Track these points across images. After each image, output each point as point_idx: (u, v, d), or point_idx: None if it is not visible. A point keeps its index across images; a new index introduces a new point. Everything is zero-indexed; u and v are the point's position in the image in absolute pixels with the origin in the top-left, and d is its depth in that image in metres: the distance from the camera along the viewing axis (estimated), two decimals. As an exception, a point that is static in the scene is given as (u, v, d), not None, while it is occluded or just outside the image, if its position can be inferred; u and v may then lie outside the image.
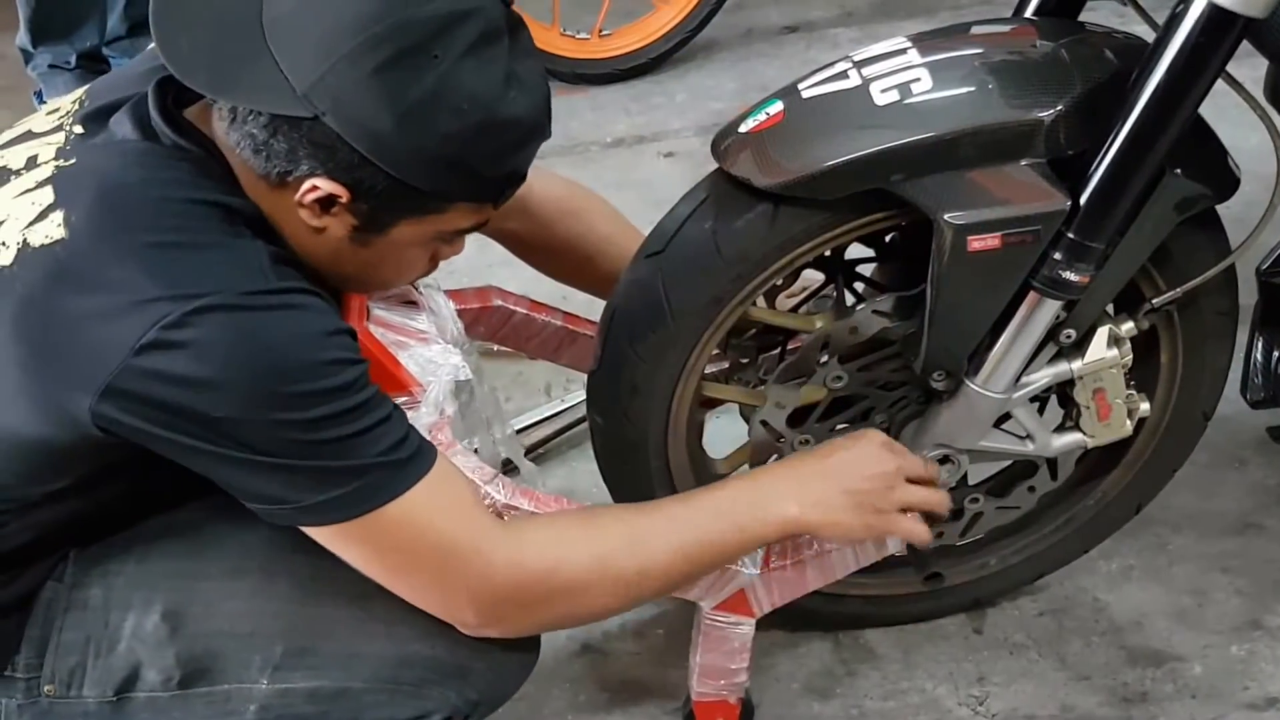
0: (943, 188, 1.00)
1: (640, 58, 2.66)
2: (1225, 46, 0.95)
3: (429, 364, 1.10)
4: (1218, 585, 1.47)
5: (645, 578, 1.01)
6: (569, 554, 0.99)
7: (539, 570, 0.97)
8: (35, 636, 1.00)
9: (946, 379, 1.12)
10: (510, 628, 1.00)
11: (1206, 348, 1.21)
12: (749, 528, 1.06)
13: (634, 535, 1.02)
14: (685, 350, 1.13)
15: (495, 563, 0.95)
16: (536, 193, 1.34)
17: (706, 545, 1.04)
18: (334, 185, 0.90)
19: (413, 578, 0.95)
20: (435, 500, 0.93)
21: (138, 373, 0.84)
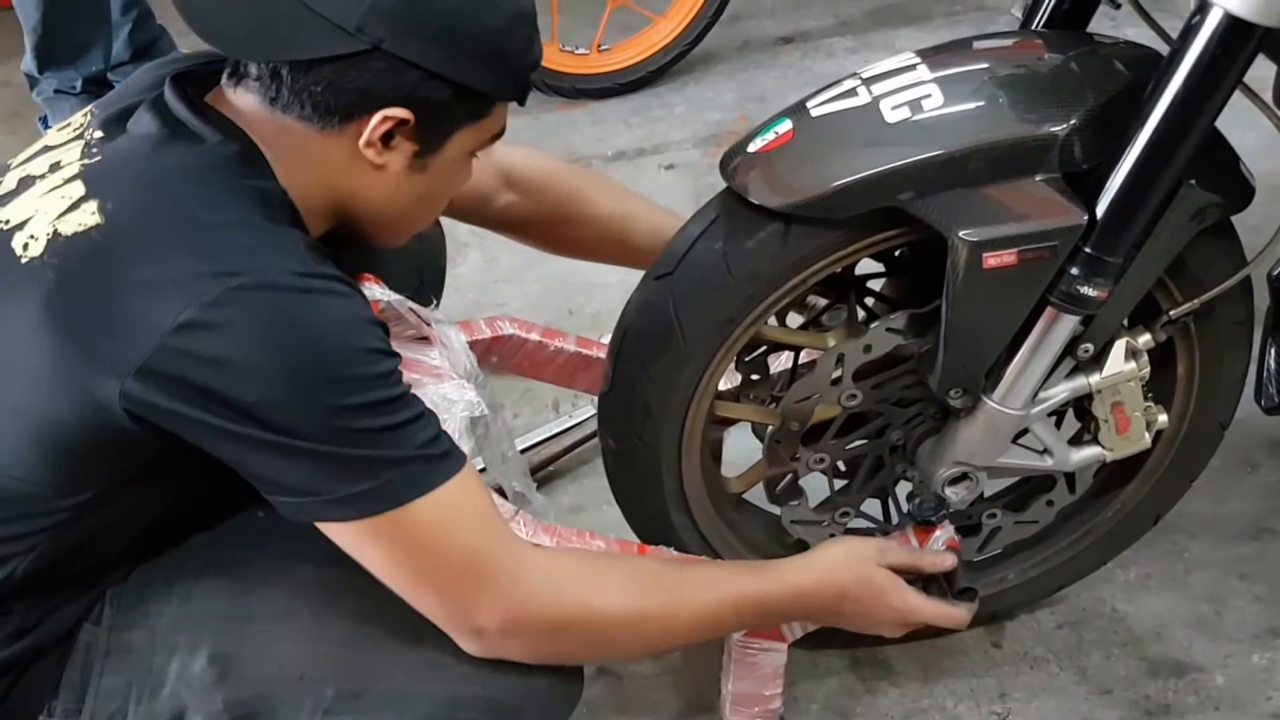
0: (956, 205, 0.99)
1: (639, 71, 2.67)
2: (1243, 57, 0.94)
3: (443, 401, 1.10)
4: (1235, 592, 1.46)
5: (668, 639, 1.04)
6: (605, 596, 0.98)
7: (572, 602, 0.96)
8: (74, 680, 0.98)
9: (964, 396, 1.11)
10: (519, 652, 0.98)
11: (1223, 358, 1.20)
12: (774, 624, 1.15)
13: (670, 602, 1.01)
14: (697, 371, 1.11)
15: (523, 580, 0.94)
16: (520, 162, 1.35)
17: (730, 627, 1.10)
18: (401, 111, 0.90)
19: (431, 582, 0.92)
20: (469, 501, 0.91)
21: (174, 353, 0.83)
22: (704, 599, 1.04)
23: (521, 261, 2.07)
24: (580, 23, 2.69)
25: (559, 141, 2.55)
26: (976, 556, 1.32)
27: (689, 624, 1.03)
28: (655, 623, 1.00)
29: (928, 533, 1.19)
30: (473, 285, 2.11)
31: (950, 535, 1.19)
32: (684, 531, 1.24)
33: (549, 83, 2.61)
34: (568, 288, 2.07)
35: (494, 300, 2.08)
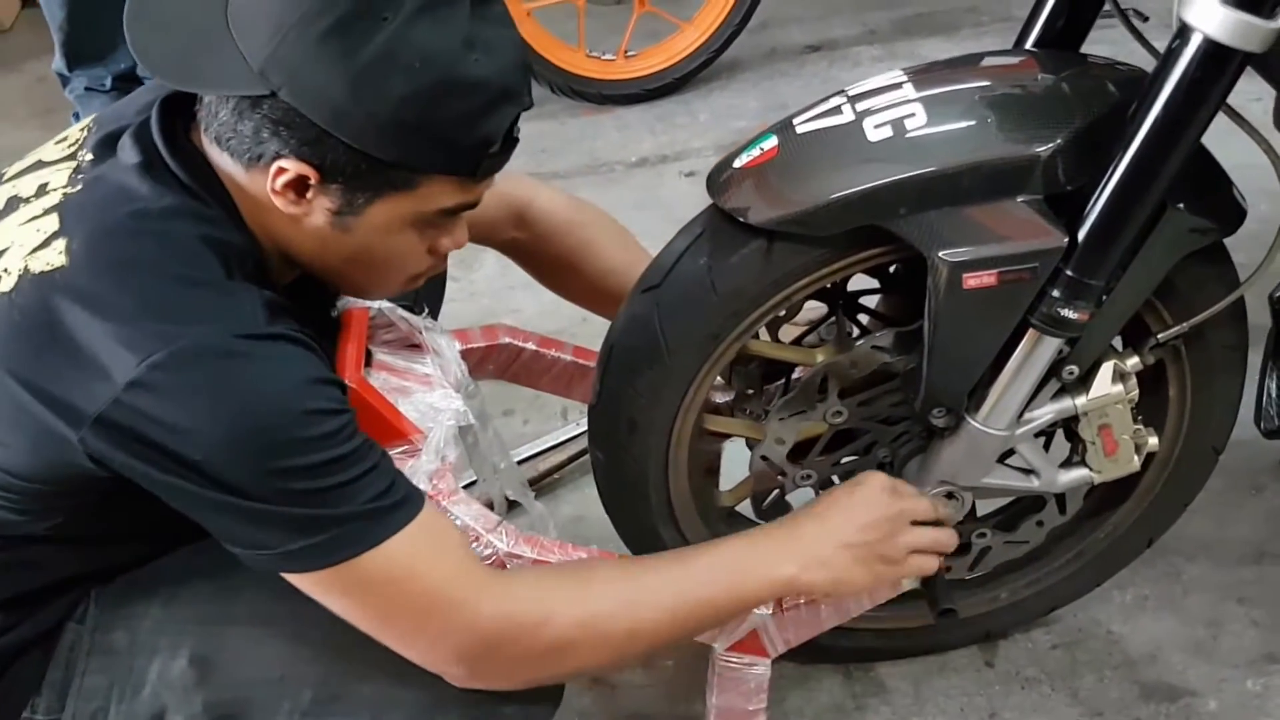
0: (936, 224, 0.99)
1: (665, 78, 2.68)
2: (1224, 81, 0.94)
3: (430, 410, 1.11)
4: (1233, 616, 1.45)
5: (634, 638, 1.00)
6: (557, 609, 0.97)
7: (525, 624, 0.95)
8: (57, 679, 1.00)
9: (947, 415, 1.11)
10: (496, 680, 0.99)
11: (1215, 382, 1.19)
12: (744, 590, 1.04)
13: (626, 595, 1.00)
14: (682, 386, 1.13)
15: (481, 613, 0.94)
16: (539, 204, 1.36)
17: (700, 608, 1.02)
18: (300, 165, 0.88)
19: (396, 627, 0.93)
20: (419, 549, 0.91)
21: (127, 409, 0.84)
22: (667, 573, 1.02)
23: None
24: (607, 29, 2.71)
25: (583, 147, 2.57)
26: (967, 575, 1.32)
27: (659, 614, 1.00)
28: (618, 621, 0.98)
29: (910, 550, 1.19)
30: (488, 291, 2.14)
31: (933, 554, 1.19)
32: (672, 545, 1.25)
33: (575, 88, 2.64)
34: (581, 295, 2.09)
35: (508, 307, 2.10)
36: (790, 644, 1.22)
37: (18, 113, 2.84)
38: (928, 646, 1.41)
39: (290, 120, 0.87)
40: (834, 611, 1.21)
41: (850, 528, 1.06)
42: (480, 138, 0.92)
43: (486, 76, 0.89)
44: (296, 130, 0.87)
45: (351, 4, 0.85)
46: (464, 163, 0.93)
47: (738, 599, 1.04)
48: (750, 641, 1.20)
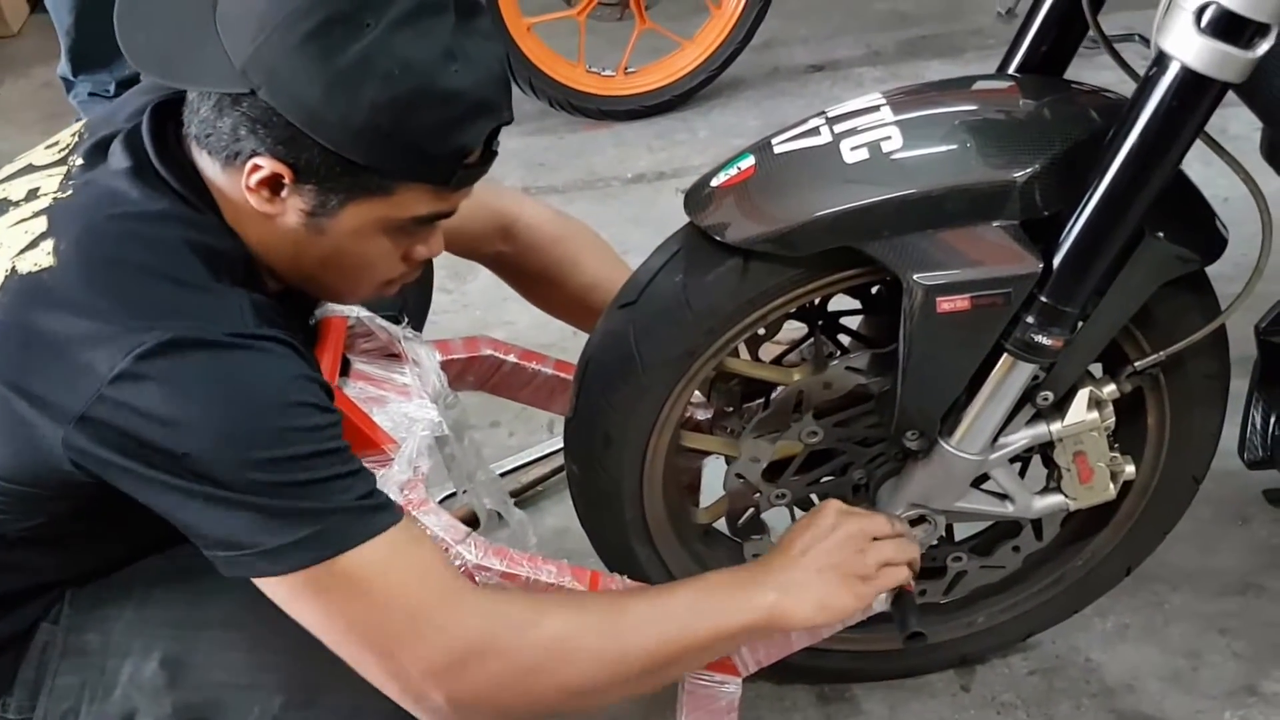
0: (911, 247, 0.99)
1: (664, 95, 2.69)
2: (1201, 110, 0.93)
3: (405, 419, 1.12)
4: (1214, 647, 1.44)
5: (616, 671, 0.97)
6: (540, 632, 0.95)
7: (505, 639, 0.93)
8: (29, 679, 1.01)
9: (920, 438, 1.11)
10: (468, 705, 0.94)
11: (1195, 411, 1.19)
12: (727, 624, 1.02)
13: (611, 626, 0.98)
14: (657, 402, 1.13)
15: (461, 623, 0.92)
16: (525, 219, 1.37)
17: (683, 643, 1.00)
18: (275, 164, 0.89)
19: (373, 636, 0.91)
20: (400, 555, 0.91)
21: (112, 403, 0.85)
22: (648, 610, 1.00)
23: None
24: (608, 45, 2.72)
25: (580, 162, 2.58)
26: (942, 599, 1.31)
27: (641, 644, 0.98)
28: (603, 652, 0.97)
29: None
30: (481, 303, 2.14)
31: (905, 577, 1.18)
32: (647, 562, 1.25)
33: (574, 103, 2.65)
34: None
35: (501, 319, 2.11)
36: (762, 664, 1.22)
37: (24, 117, 2.87)
38: (903, 670, 1.40)
39: (267, 119, 0.88)
40: (805, 632, 1.21)
41: (818, 553, 1.06)
42: (455, 148, 0.92)
43: (463, 88, 0.90)
44: (273, 129, 0.88)
45: (336, 8, 0.86)
46: (438, 172, 0.93)
47: (720, 633, 1.02)
48: (720, 660, 1.20)
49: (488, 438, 1.83)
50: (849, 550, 1.06)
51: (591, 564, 1.39)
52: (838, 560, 1.05)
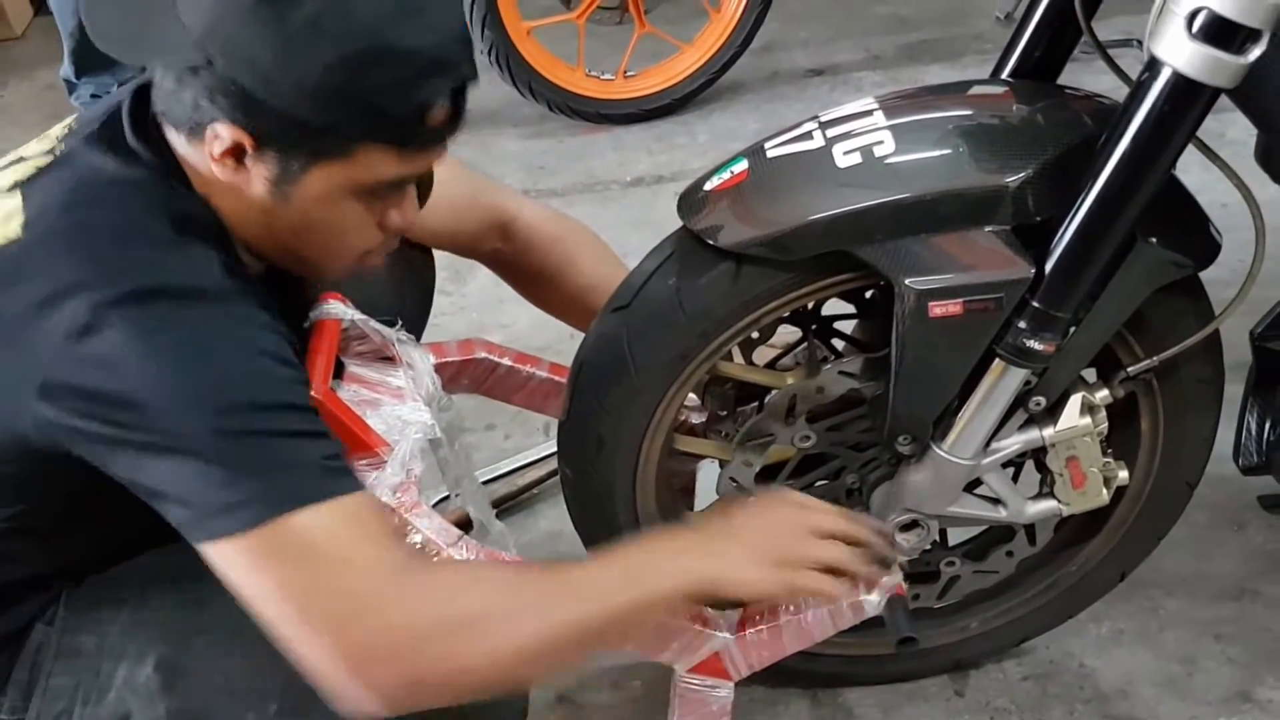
0: (902, 252, 0.99)
1: (664, 99, 2.70)
2: (1193, 116, 0.93)
3: (398, 422, 1.11)
4: (1209, 653, 1.44)
5: (560, 647, 0.94)
6: (474, 597, 0.91)
7: (447, 611, 0.90)
8: (23, 680, 1.00)
9: (912, 443, 1.11)
10: (402, 674, 0.88)
11: (1189, 417, 1.18)
12: (652, 588, 0.98)
13: (552, 597, 0.94)
14: (650, 405, 1.13)
15: (404, 593, 0.89)
16: (524, 218, 1.36)
17: (609, 610, 0.96)
18: (235, 132, 0.89)
19: (314, 611, 0.86)
20: (355, 525, 0.88)
21: (69, 360, 0.84)
22: (574, 577, 0.97)
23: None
24: (608, 48, 2.72)
25: (580, 165, 2.58)
26: (936, 604, 1.31)
27: (565, 612, 0.93)
28: (518, 619, 0.92)
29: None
30: (479, 305, 2.14)
31: (897, 582, 1.18)
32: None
33: (573, 107, 2.65)
34: (574, 311, 2.10)
35: (498, 321, 2.11)
36: (753, 668, 1.21)
37: (28, 119, 2.87)
38: (896, 674, 1.40)
39: (225, 88, 0.88)
40: (796, 637, 1.20)
41: (756, 531, 1.04)
42: (413, 107, 0.91)
43: (419, 45, 0.89)
44: (231, 98, 0.88)
45: None
46: (397, 132, 0.92)
47: (645, 598, 0.98)
48: (712, 664, 1.20)
49: (483, 440, 1.83)
50: (786, 538, 1.04)
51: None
52: (770, 543, 1.03)
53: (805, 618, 1.19)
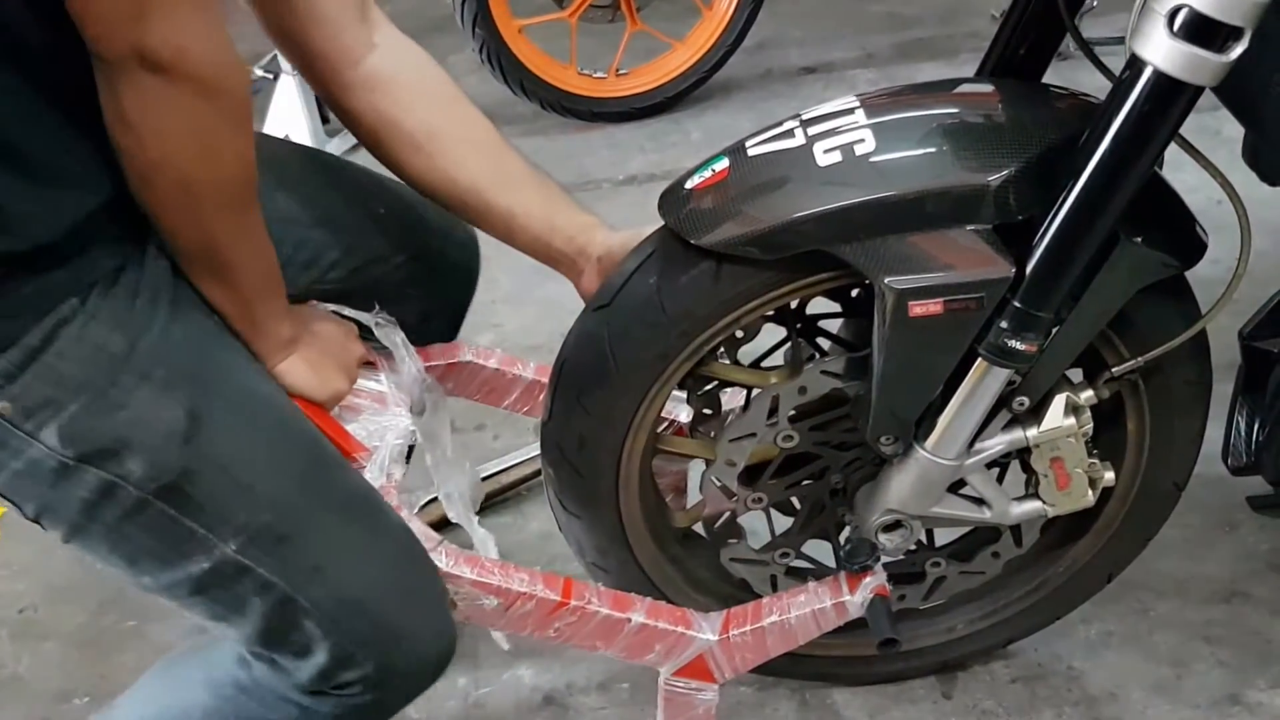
0: (882, 250, 0.98)
1: (656, 97, 2.69)
2: (1174, 114, 0.92)
3: (378, 428, 1.11)
4: (1199, 656, 1.43)
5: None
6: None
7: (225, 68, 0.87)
8: (31, 346, 0.89)
9: (895, 443, 1.10)
10: (173, 91, 0.85)
11: (1176, 418, 1.17)
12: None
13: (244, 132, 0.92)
14: (632, 405, 1.12)
15: (212, 31, 0.85)
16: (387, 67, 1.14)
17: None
18: None
19: None
20: None
21: None
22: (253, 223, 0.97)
23: (522, 284, 2.09)
24: (600, 46, 2.71)
25: (573, 164, 2.58)
26: (922, 605, 1.30)
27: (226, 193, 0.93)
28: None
29: (858, 579, 1.18)
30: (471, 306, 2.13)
31: (880, 583, 1.18)
32: (624, 565, 1.25)
33: (566, 105, 2.65)
34: (565, 311, 2.06)
35: (490, 321, 2.10)
36: (738, 670, 1.21)
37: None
38: (883, 676, 1.39)
39: None
40: (780, 639, 1.20)
41: None
42: None
43: None
44: None
45: None
46: None
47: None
48: (696, 666, 1.19)
49: (473, 441, 1.82)
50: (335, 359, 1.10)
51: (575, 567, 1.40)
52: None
53: (789, 620, 1.20)
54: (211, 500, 0.94)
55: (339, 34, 1.08)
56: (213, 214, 0.94)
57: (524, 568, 1.14)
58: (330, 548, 0.98)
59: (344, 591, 0.99)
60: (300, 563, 0.97)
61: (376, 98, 1.11)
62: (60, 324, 0.90)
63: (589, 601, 1.15)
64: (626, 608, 1.17)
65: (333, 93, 1.12)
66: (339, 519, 1.00)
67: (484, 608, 1.12)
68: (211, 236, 0.95)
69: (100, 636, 1.56)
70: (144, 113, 0.86)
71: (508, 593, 1.12)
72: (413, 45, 1.16)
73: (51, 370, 0.89)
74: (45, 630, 1.57)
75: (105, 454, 0.90)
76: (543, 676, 1.45)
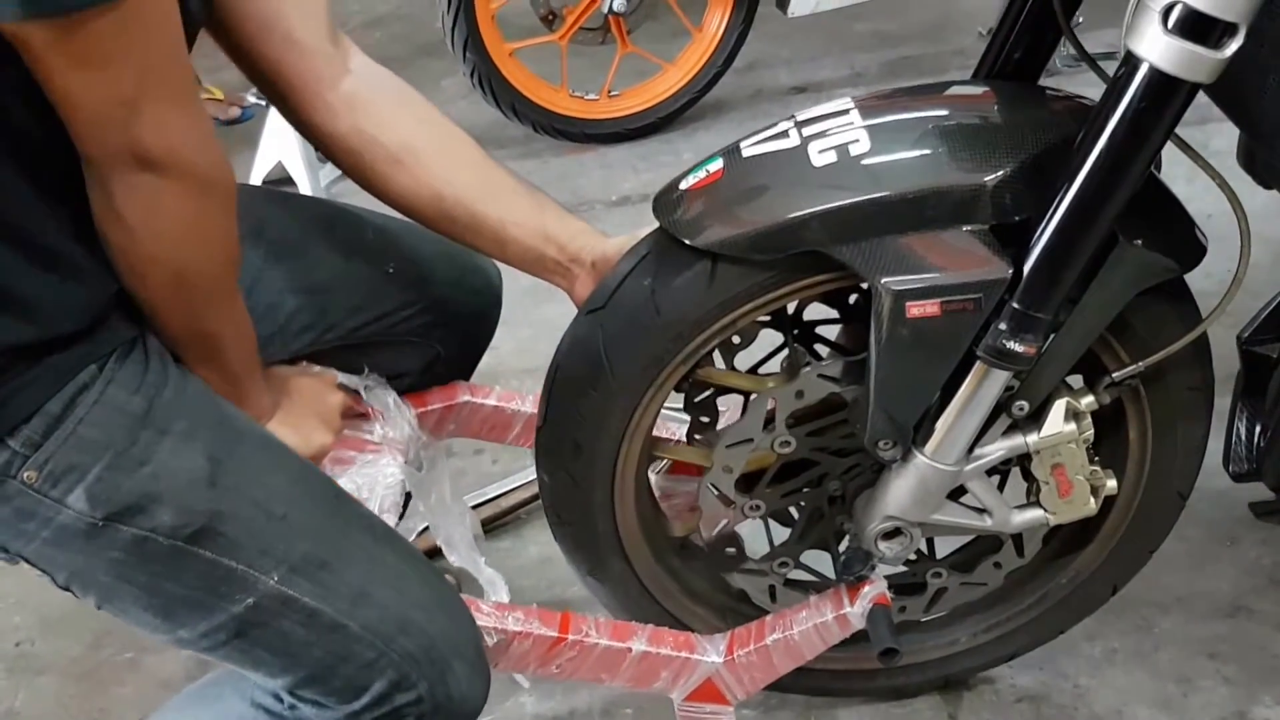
0: (879, 252, 0.97)
1: (648, 118, 2.69)
2: (1171, 112, 0.91)
3: (367, 480, 1.12)
4: (1204, 672, 1.40)
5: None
6: None
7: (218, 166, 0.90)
8: (53, 412, 0.90)
9: (893, 448, 1.08)
10: (166, 187, 0.87)
11: (1177, 424, 1.16)
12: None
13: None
14: (628, 409, 1.10)
15: (206, 125, 0.88)
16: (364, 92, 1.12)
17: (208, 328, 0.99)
18: None
19: (133, 80, 0.82)
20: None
21: None
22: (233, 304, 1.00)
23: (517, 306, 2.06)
24: (591, 68, 2.72)
25: (565, 185, 2.57)
26: (923, 616, 1.28)
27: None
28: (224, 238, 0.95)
29: (857, 589, 1.16)
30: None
31: (880, 592, 1.16)
32: (620, 575, 1.22)
33: (558, 127, 2.65)
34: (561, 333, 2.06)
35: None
36: (749, 690, 1.20)
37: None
38: (885, 689, 1.36)
39: None
40: (787, 656, 1.19)
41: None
42: None
43: None
44: None
45: None
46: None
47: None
48: (707, 690, 1.18)
49: (471, 465, 1.80)
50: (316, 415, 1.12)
51: (575, 589, 1.38)
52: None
53: (792, 636, 1.18)
54: (248, 535, 0.94)
55: (315, 58, 1.08)
56: (204, 300, 0.97)
57: (519, 605, 1.13)
58: (372, 570, 0.99)
59: (392, 611, 0.98)
60: (344, 588, 0.97)
61: (359, 117, 1.10)
62: (80, 391, 0.91)
63: (587, 634, 1.14)
64: (627, 637, 1.16)
65: (314, 118, 1.10)
66: (373, 544, 1.01)
67: (485, 647, 1.10)
68: (202, 321, 0.98)
69: (98, 669, 1.51)
70: (137, 209, 0.88)
71: (504, 632, 1.11)
72: (384, 68, 1.15)
73: (74, 435, 0.90)
74: (41, 664, 1.53)
75: (133, 510, 0.91)
76: (545, 704, 1.42)
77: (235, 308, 1.01)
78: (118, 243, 0.90)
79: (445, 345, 1.30)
